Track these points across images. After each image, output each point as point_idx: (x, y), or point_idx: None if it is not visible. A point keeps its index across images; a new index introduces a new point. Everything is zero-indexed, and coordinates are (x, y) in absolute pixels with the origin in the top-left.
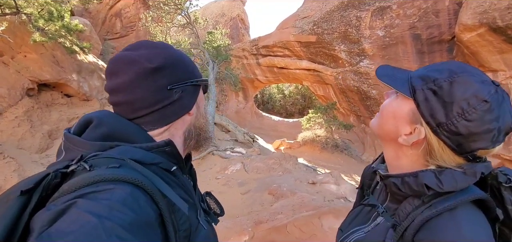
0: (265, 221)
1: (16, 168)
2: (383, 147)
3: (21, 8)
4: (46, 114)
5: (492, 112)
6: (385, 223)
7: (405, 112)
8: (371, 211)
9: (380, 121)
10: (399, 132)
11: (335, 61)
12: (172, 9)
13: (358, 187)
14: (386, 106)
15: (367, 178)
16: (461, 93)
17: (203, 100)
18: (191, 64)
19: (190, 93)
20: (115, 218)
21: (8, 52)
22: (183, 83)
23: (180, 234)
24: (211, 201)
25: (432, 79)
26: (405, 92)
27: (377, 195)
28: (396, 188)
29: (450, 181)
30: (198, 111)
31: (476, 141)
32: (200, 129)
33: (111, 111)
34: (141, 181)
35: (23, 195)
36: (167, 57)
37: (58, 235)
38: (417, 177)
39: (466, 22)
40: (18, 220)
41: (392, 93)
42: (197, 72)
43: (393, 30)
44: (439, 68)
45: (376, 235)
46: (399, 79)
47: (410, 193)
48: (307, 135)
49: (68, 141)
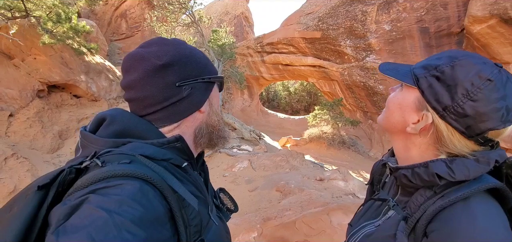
0: (274, 217)
1: (29, 168)
2: (392, 141)
3: (30, 11)
4: (56, 115)
5: (498, 91)
6: (396, 216)
7: (411, 101)
8: (382, 206)
9: (387, 114)
10: (406, 121)
11: (340, 57)
12: (177, 8)
13: (368, 183)
14: (392, 99)
15: (377, 173)
16: (464, 75)
17: (217, 97)
18: (203, 60)
19: (200, 90)
20: (125, 212)
21: (18, 55)
22: (193, 80)
23: (191, 229)
24: (225, 197)
25: (434, 66)
26: (409, 81)
27: (388, 189)
28: (406, 180)
29: (462, 169)
30: (211, 109)
31: (485, 121)
32: (212, 127)
33: (123, 109)
34: (151, 176)
35: (40, 190)
36: (176, 53)
37: (72, 230)
38: (427, 167)
39: (476, 13)
40: (36, 213)
41: (397, 87)
42: (210, 68)
43: (400, 24)
44: (439, 56)
45: (387, 228)
46: (402, 71)
47: (421, 184)
48: (313, 131)
49: (84, 138)
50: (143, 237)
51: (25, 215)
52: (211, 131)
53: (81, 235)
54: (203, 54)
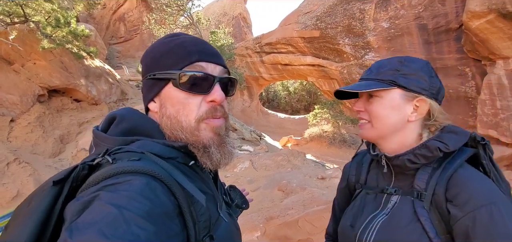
0: (276, 216)
1: (31, 173)
2: (385, 143)
3: (29, 17)
4: (57, 120)
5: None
6: (404, 199)
7: (398, 98)
8: (377, 197)
9: (379, 123)
10: (405, 115)
11: (339, 56)
12: (175, 10)
13: (343, 185)
14: (377, 110)
15: (353, 172)
16: (416, 66)
17: (173, 99)
18: (158, 55)
19: (146, 88)
20: (134, 207)
21: (18, 60)
22: (146, 77)
23: (200, 225)
24: (236, 194)
25: (397, 68)
26: (391, 86)
27: (375, 183)
28: (410, 163)
29: (452, 141)
30: (161, 110)
31: (441, 92)
32: (171, 134)
33: (133, 108)
34: (158, 173)
35: (56, 185)
36: (150, 48)
37: (84, 226)
38: (427, 146)
39: (474, 9)
40: (53, 207)
41: (361, 102)
42: (164, 63)
43: (398, 21)
44: (390, 61)
45: (403, 211)
46: (373, 85)
47: (424, 162)
48: (314, 130)
49: (96, 137)
50: (152, 230)
51: (41, 209)
52: (176, 136)
53: (92, 231)
54: (176, 43)
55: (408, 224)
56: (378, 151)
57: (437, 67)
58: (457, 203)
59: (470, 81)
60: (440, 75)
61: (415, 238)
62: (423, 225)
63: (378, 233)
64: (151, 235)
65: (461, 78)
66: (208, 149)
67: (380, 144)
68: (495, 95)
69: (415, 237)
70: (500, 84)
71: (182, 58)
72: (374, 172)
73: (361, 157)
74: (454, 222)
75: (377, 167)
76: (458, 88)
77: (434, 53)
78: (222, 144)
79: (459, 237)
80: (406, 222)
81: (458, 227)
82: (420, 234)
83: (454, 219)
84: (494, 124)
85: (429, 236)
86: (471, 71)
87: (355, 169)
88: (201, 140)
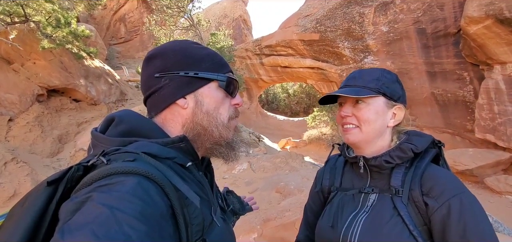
0: (273, 218)
1: (29, 172)
2: (368, 147)
3: (29, 16)
4: (56, 119)
5: None
6: (383, 197)
7: (382, 105)
8: (355, 197)
9: (368, 128)
10: (386, 121)
11: (339, 59)
12: (175, 12)
13: (316, 189)
14: (366, 114)
15: (327, 177)
16: (390, 78)
17: (213, 98)
18: (197, 57)
19: (179, 84)
20: (125, 208)
21: (18, 59)
22: (172, 73)
23: (192, 228)
24: (233, 200)
25: (379, 78)
26: (377, 93)
27: (351, 185)
28: (386, 163)
29: (420, 143)
30: (198, 107)
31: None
32: (202, 128)
33: (132, 110)
34: (152, 173)
35: (50, 185)
36: (163, 47)
37: (76, 227)
38: (401, 148)
39: (472, 14)
40: (46, 208)
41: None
42: (207, 66)
43: (397, 26)
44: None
45: (383, 208)
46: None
47: (398, 162)
48: (312, 133)
49: (94, 138)
50: (144, 231)
51: (35, 209)
52: (201, 133)
53: (84, 232)
54: (209, 52)
55: (390, 219)
56: (354, 154)
57: (436, 71)
58: (433, 195)
59: (468, 86)
60: (439, 80)
61: (397, 231)
62: (403, 218)
63: (363, 230)
64: (143, 235)
65: (459, 83)
66: (231, 144)
67: (362, 147)
68: (493, 100)
69: (397, 230)
70: (498, 89)
71: (221, 66)
72: (349, 175)
73: (333, 162)
74: (431, 213)
75: (352, 169)
76: (456, 92)
77: (432, 57)
78: (239, 142)
79: (437, 225)
80: (388, 217)
81: (435, 217)
82: (401, 228)
83: (431, 210)
84: (492, 128)
85: (409, 228)
86: (469, 75)
87: (329, 173)
88: (229, 136)
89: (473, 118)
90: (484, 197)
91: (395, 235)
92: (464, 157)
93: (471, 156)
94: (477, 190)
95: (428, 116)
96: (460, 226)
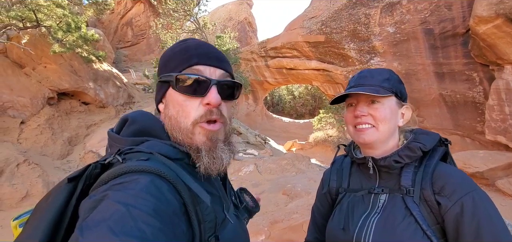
0: (281, 220)
1: (40, 174)
2: (381, 147)
3: (41, 21)
4: (66, 122)
5: None
6: (394, 197)
7: (394, 105)
8: (365, 198)
9: (384, 127)
10: (397, 120)
11: (345, 60)
12: (182, 15)
13: (323, 191)
14: (382, 113)
15: (334, 178)
16: (396, 78)
17: (173, 101)
18: (167, 58)
19: (157, 89)
20: (140, 205)
21: (29, 63)
22: (159, 77)
23: (205, 226)
24: (247, 197)
25: (389, 78)
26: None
27: (359, 185)
28: (396, 163)
29: (427, 141)
30: (166, 112)
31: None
32: (172, 132)
33: (144, 111)
34: (164, 172)
35: (70, 182)
36: (167, 50)
37: (94, 224)
38: (409, 147)
39: (481, 13)
40: (67, 203)
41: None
42: (169, 66)
43: (404, 26)
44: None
45: (395, 208)
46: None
47: (407, 161)
48: (318, 135)
49: (110, 138)
50: (158, 227)
51: (57, 205)
52: (175, 137)
53: (101, 228)
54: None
55: (403, 219)
56: (361, 155)
57: (444, 72)
58: (445, 193)
59: (477, 86)
60: (447, 81)
61: (410, 231)
62: (416, 218)
63: (376, 231)
64: (156, 230)
65: (469, 83)
66: (199, 153)
67: (376, 147)
68: (504, 100)
69: (410, 230)
70: (508, 90)
71: (182, 62)
72: (357, 175)
73: (340, 163)
74: (444, 212)
75: (359, 170)
76: (465, 93)
77: (440, 58)
78: (213, 149)
79: (450, 223)
80: (400, 217)
81: (449, 215)
82: (414, 228)
83: (444, 208)
84: (503, 130)
85: (422, 228)
86: (478, 76)
87: (336, 174)
88: (194, 142)
89: (483, 120)
90: (496, 200)
91: (408, 235)
92: (474, 159)
93: (481, 158)
94: (488, 193)
95: (437, 118)
96: (473, 224)
